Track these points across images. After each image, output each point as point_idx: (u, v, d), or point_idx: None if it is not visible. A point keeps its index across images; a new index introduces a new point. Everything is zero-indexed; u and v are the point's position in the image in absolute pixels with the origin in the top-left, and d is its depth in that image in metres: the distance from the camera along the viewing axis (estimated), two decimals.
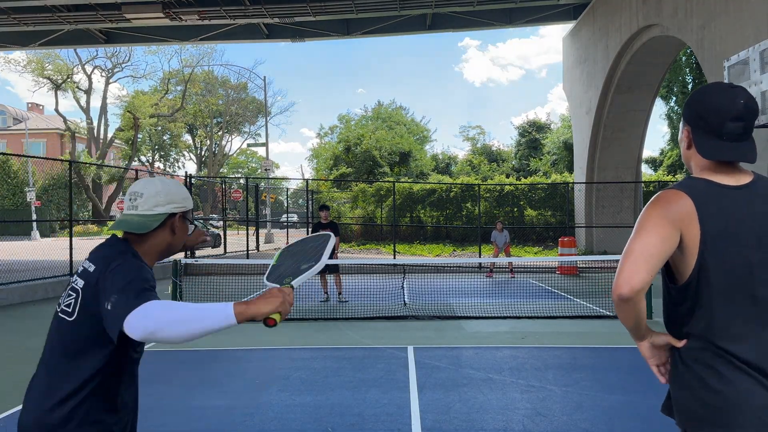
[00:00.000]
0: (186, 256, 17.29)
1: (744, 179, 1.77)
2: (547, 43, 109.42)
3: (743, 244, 1.67)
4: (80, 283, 1.88)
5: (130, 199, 2.02)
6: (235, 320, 1.66)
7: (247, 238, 20.40)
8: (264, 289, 1.81)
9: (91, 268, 1.88)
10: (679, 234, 1.69)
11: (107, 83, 46.95)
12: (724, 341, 1.69)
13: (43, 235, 35.38)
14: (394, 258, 18.94)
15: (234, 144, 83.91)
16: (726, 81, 10.99)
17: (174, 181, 2.10)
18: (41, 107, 62.59)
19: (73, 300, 1.87)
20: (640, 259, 1.67)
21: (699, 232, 1.67)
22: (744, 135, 1.76)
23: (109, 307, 1.71)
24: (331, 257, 11.14)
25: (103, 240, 2.03)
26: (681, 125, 1.91)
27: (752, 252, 1.68)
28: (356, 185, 30.53)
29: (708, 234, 1.67)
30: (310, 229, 24.01)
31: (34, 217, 34.45)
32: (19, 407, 4.96)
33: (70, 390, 1.80)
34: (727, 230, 1.67)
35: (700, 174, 1.83)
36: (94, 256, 1.95)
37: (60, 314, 1.90)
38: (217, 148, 62.89)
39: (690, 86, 34.95)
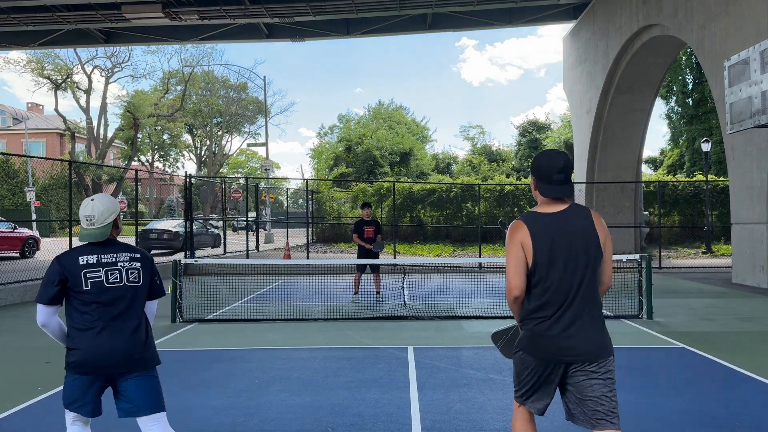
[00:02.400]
0: (186, 256, 17.29)
1: (560, 208, 2.84)
2: (545, 43, 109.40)
3: (554, 245, 2.77)
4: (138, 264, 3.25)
5: (88, 220, 3.12)
6: None
7: (247, 238, 20.40)
8: None
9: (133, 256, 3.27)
10: (522, 246, 2.80)
11: (107, 83, 46.92)
12: (543, 303, 2.80)
13: (42, 235, 35.33)
14: (394, 258, 18.94)
15: (234, 144, 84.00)
16: (726, 81, 10.99)
17: (108, 197, 3.24)
18: (41, 107, 62.58)
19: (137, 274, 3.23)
20: (514, 272, 2.80)
21: (531, 242, 2.78)
22: (565, 181, 2.83)
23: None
24: (375, 257, 11.09)
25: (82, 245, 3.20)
26: (531, 176, 2.98)
27: (563, 253, 2.77)
28: (356, 185, 30.52)
29: (535, 240, 2.78)
30: (309, 229, 24.02)
31: (34, 217, 34.45)
32: (20, 407, 4.96)
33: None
34: (544, 238, 2.78)
35: (537, 207, 2.91)
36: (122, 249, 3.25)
37: (130, 283, 3.19)
38: (217, 148, 62.88)
39: (690, 86, 34.94)
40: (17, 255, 20.09)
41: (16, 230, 20.76)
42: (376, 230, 11.33)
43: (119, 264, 3.16)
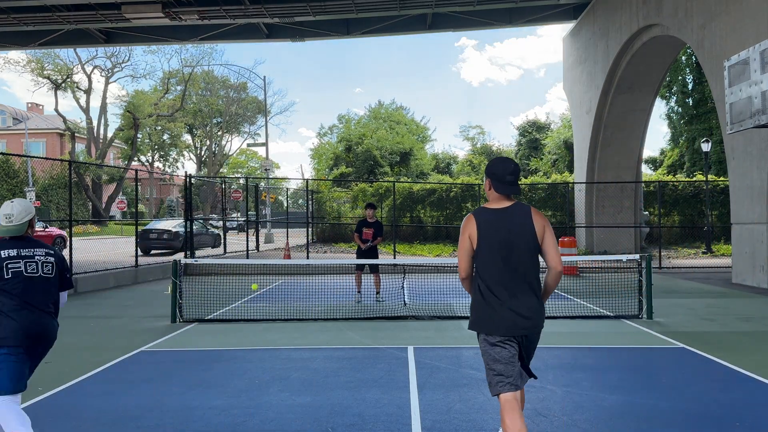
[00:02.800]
0: (186, 256, 17.29)
1: (506, 205, 3.47)
2: (544, 43, 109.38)
3: (499, 238, 3.39)
4: (51, 259, 3.85)
5: (7, 218, 3.77)
6: None
7: (247, 238, 20.39)
8: None
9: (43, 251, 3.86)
10: (469, 237, 3.46)
11: (107, 83, 46.93)
12: (490, 286, 3.40)
13: None
14: (394, 258, 18.93)
15: (234, 144, 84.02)
16: (726, 81, 10.99)
17: (25, 201, 3.91)
18: (41, 107, 62.57)
19: (50, 266, 3.83)
20: (461, 257, 3.52)
21: (477, 231, 3.43)
22: (514, 182, 3.46)
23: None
24: (373, 257, 11.01)
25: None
26: (484, 178, 3.60)
27: (504, 241, 3.38)
28: (356, 185, 30.51)
29: (480, 230, 3.43)
30: (309, 229, 24.01)
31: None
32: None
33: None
34: (489, 229, 3.41)
35: (487, 204, 3.52)
36: (31, 245, 3.85)
37: (45, 274, 3.78)
38: (217, 148, 62.88)
39: (690, 86, 34.94)
40: None
41: (47, 229, 21.98)
42: (375, 233, 11.17)
43: (36, 257, 3.78)
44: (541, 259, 3.51)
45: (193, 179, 18.61)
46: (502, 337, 3.35)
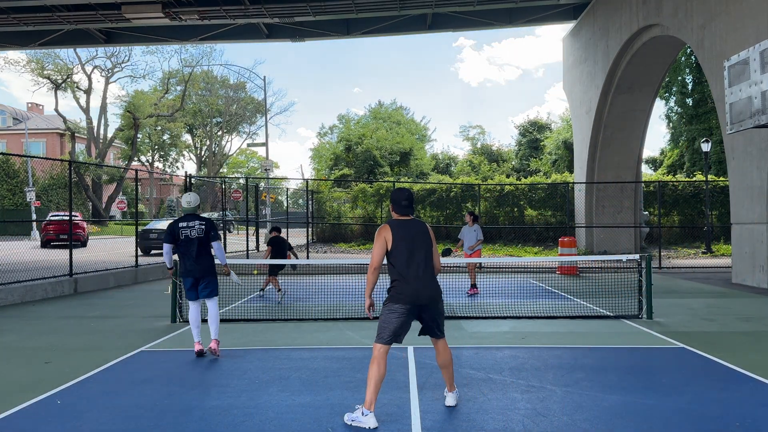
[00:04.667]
0: None
1: (407, 218, 4.80)
2: (543, 43, 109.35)
3: (406, 239, 4.67)
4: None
5: (187, 203, 6.81)
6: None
7: (247, 237, 20.39)
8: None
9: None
10: (385, 239, 4.68)
11: (107, 83, 46.96)
12: (402, 272, 4.64)
13: None
14: None
15: (234, 144, 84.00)
16: (726, 81, 10.99)
17: (195, 194, 6.81)
18: (41, 107, 62.58)
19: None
20: (377, 253, 4.69)
21: (392, 237, 4.67)
22: (409, 207, 4.82)
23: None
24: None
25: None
26: (390, 203, 4.92)
27: (409, 242, 4.67)
28: (356, 185, 30.51)
29: (395, 236, 4.67)
30: (309, 229, 24.02)
31: (34, 217, 34.44)
32: (20, 407, 4.95)
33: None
34: (401, 233, 4.69)
35: (394, 218, 4.84)
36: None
37: (198, 236, 6.69)
38: (217, 148, 62.87)
39: (690, 86, 34.94)
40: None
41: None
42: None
43: (196, 227, 6.56)
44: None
45: (193, 179, 18.60)
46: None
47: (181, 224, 6.64)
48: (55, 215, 28.01)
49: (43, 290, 11.92)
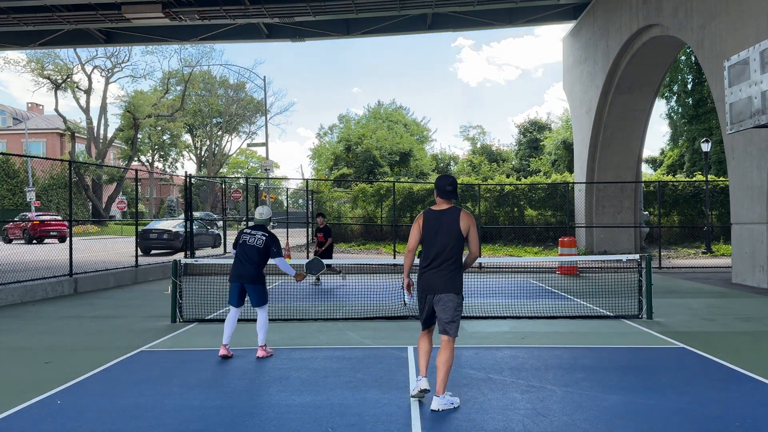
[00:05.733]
0: (186, 256, 17.29)
1: (444, 207, 5.07)
2: (542, 43, 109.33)
3: (436, 228, 4.99)
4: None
5: (259, 214, 7.20)
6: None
7: None
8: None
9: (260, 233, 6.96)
10: (419, 226, 5.08)
11: (107, 83, 46.95)
12: (422, 261, 5.08)
13: None
14: (394, 258, 18.92)
15: (234, 144, 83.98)
16: (726, 81, 10.99)
17: (268, 207, 7.39)
18: (41, 107, 62.59)
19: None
20: (412, 237, 5.15)
21: (422, 226, 5.06)
22: (453, 192, 5.08)
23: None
24: (327, 258, 11.65)
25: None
26: (435, 189, 5.19)
27: (435, 233, 4.99)
28: (356, 185, 30.51)
29: (426, 225, 5.04)
30: (310, 229, 24.00)
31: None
32: (20, 407, 4.96)
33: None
34: (429, 224, 5.03)
35: (433, 207, 5.14)
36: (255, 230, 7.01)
37: (255, 245, 6.85)
38: (217, 148, 62.87)
39: (690, 86, 34.93)
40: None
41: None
42: (326, 236, 13.73)
43: (256, 236, 6.84)
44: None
45: (193, 179, 18.60)
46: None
47: (245, 230, 6.95)
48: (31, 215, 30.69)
49: (43, 290, 11.92)
